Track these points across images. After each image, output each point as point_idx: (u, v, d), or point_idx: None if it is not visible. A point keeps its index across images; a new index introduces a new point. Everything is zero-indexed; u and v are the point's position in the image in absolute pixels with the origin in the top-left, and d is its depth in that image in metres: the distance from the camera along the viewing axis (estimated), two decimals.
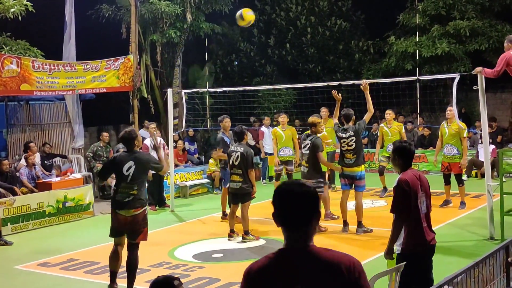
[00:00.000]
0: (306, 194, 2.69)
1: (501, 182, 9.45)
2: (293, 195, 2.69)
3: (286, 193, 2.72)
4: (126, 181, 7.21)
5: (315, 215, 2.71)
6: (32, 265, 9.02)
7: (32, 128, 15.83)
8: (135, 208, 7.24)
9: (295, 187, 2.71)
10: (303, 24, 22.85)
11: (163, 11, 18.08)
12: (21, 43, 14.14)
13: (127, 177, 7.20)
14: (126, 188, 7.21)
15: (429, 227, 5.57)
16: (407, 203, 5.39)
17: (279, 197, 2.73)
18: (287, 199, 2.70)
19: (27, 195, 12.28)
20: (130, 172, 7.19)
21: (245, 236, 9.84)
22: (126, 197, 7.20)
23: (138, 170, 7.23)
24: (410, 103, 19.60)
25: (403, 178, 5.44)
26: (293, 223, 2.69)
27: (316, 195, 2.73)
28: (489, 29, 18.58)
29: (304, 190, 2.70)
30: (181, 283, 3.99)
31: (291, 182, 2.77)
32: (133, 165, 7.21)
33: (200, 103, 19.79)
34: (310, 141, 9.99)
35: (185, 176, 15.24)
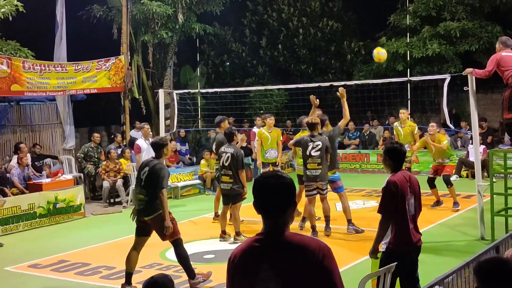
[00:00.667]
0: (282, 186, 2.86)
1: (492, 183, 9.49)
2: (270, 186, 2.86)
3: (263, 184, 2.90)
4: (141, 184, 7.50)
5: (290, 205, 2.88)
6: (23, 267, 8.97)
7: (22, 129, 15.75)
8: (149, 215, 7.43)
9: (272, 179, 2.89)
10: (295, 25, 22.88)
11: (155, 11, 18.04)
12: (12, 44, 14.08)
13: (141, 181, 7.47)
14: (140, 193, 7.50)
15: (416, 228, 5.63)
16: (394, 204, 5.44)
17: (258, 188, 2.91)
18: (265, 190, 2.88)
19: (18, 196, 12.22)
20: (143, 177, 7.45)
21: (236, 237, 9.83)
22: (140, 205, 7.48)
23: (149, 177, 7.40)
24: (401, 103, 19.64)
25: (392, 180, 5.49)
26: (270, 211, 2.87)
27: (292, 186, 2.89)
28: (479, 30, 18.66)
29: (280, 182, 2.87)
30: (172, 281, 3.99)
31: (270, 174, 2.97)
32: (147, 171, 7.43)
33: (192, 104, 19.78)
34: (321, 142, 9.67)
35: (177, 177, 15.21)
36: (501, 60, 8.85)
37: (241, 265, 2.87)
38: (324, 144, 9.66)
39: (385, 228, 5.49)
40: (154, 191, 7.36)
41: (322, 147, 9.63)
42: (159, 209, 7.40)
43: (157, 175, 7.36)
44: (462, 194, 13.19)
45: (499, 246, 5.67)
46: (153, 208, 7.40)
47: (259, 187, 2.91)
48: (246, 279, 2.83)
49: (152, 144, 7.78)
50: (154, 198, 7.37)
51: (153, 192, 7.35)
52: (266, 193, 2.87)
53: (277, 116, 18.58)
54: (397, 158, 5.66)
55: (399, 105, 19.80)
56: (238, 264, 2.88)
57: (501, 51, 9.01)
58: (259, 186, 2.91)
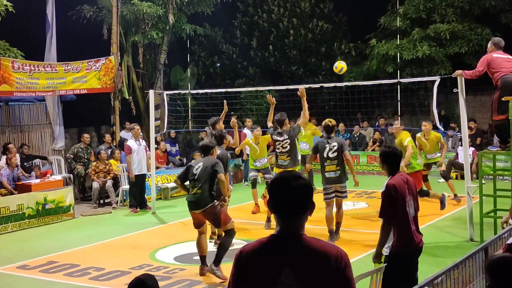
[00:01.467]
0: (301, 187, 2.78)
1: (481, 184, 9.53)
2: (289, 188, 2.78)
3: (282, 185, 2.81)
4: (194, 179, 8.00)
5: (309, 207, 2.80)
6: (11, 268, 8.92)
7: (11, 130, 15.66)
8: (200, 208, 7.94)
9: (292, 180, 2.79)
10: (285, 26, 22.90)
11: (145, 12, 18.00)
12: (1, 44, 14.01)
13: (195, 175, 7.99)
14: (193, 187, 7.99)
15: (417, 229, 5.66)
16: (395, 208, 5.44)
17: (275, 188, 2.84)
18: (283, 191, 2.79)
19: (6, 196, 12.14)
20: (197, 172, 7.99)
21: (217, 241, 9.84)
22: (192, 198, 7.97)
23: (203, 171, 7.97)
24: (391, 105, 19.71)
25: (391, 183, 5.49)
26: (288, 213, 2.79)
27: (311, 188, 2.82)
28: (469, 32, 18.75)
29: (300, 183, 2.79)
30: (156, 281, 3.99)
31: (288, 174, 2.86)
32: (201, 166, 8.02)
33: (182, 105, 19.74)
34: (336, 142, 9.68)
35: (167, 178, 15.18)
36: (492, 62, 8.88)
37: (257, 266, 2.77)
38: (339, 145, 9.68)
39: (388, 232, 5.48)
40: (206, 185, 7.88)
41: (338, 147, 9.63)
42: (210, 202, 7.90)
43: (219, 168, 8.01)
44: (451, 196, 13.23)
45: (488, 248, 5.69)
46: (204, 201, 7.87)
47: (277, 188, 2.83)
48: (263, 280, 2.74)
49: (202, 147, 8.38)
50: (206, 192, 7.86)
51: (206, 186, 7.87)
52: (285, 195, 2.79)
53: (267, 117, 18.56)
54: (392, 161, 5.67)
55: (389, 106, 19.92)
56: (253, 264, 2.79)
57: (493, 52, 9.03)
58: (278, 187, 2.83)
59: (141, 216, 13.00)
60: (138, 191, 13.48)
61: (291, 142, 10.33)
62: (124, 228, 11.70)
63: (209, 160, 8.11)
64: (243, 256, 2.83)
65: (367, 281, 5.11)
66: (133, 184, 13.32)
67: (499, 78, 8.75)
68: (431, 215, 11.32)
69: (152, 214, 13.02)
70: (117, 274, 8.26)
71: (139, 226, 11.77)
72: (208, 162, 8.04)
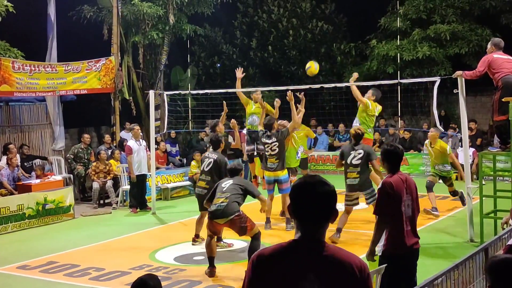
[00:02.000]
0: (328, 193, 2.72)
1: (481, 185, 9.53)
2: (316, 194, 2.70)
3: (307, 191, 2.72)
4: (222, 190, 8.03)
5: (332, 214, 2.74)
6: (11, 268, 8.92)
7: (12, 130, 15.66)
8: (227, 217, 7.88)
9: (317, 186, 2.72)
10: (285, 26, 22.90)
11: (145, 12, 18.01)
12: (1, 44, 14.01)
13: (222, 189, 8.07)
14: (219, 197, 7.96)
15: (413, 230, 5.56)
16: (390, 206, 5.41)
17: (300, 193, 2.74)
18: (308, 196, 2.71)
19: (7, 197, 12.14)
20: (226, 186, 8.09)
21: (195, 239, 9.90)
22: (218, 207, 7.88)
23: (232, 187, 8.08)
24: (391, 106, 19.71)
25: (388, 181, 5.46)
26: (311, 219, 2.71)
27: (335, 194, 2.75)
28: (469, 33, 18.75)
29: (326, 189, 2.71)
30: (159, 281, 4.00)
31: (313, 179, 2.76)
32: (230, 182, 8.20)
33: (182, 105, 19.75)
34: (362, 150, 9.61)
35: (167, 178, 15.19)
36: (493, 62, 8.88)
37: (278, 271, 2.67)
38: (365, 152, 9.59)
39: (382, 229, 5.44)
40: (233, 196, 7.92)
41: (363, 155, 9.58)
42: (236, 211, 7.87)
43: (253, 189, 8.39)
44: (452, 196, 13.23)
45: (488, 248, 5.69)
46: (230, 210, 7.83)
47: (302, 193, 2.73)
48: (284, 286, 2.65)
49: (230, 171, 8.43)
50: (233, 201, 7.89)
51: (233, 196, 7.90)
52: (310, 200, 2.69)
53: None
54: (393, 160, 5.65)
55: (389, 107, 19.92)
56: (273, 269, 2.68)
57: (493, 52, 9.03)
58: (303, 192, 2.73)
59: (141, 216, 13.00)
60: (138, 191, 13.48)
61: (279, 145, 10.46)
62: (124, 228, 11.70)
63: (239, 179, 8.24)
64: (262, 260, 2.73)
65: None
66: (133, 184, 13.33)
67: (500, 78, 8.76)
68: (430, 217, 11.31)
69: (152, 215, 13.02)
70: (117, 275, 8.26)
71: (139, 227, 11.77)
72: (238, 181, 8.18)
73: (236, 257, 9.02)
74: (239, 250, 9.41)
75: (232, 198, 7.86)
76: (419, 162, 17.29)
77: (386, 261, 5.33)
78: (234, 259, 8.94)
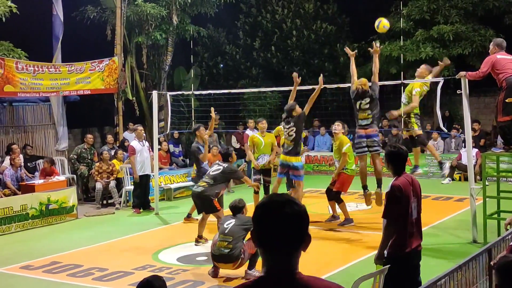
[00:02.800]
0: (297, 215, 2.30)
1: (484, 186, 9.53)
2: (284, 216, 2.28)
3: (273, 212, 2.30)
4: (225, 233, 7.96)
5: (305, 240, 2.32)
6: (15, 268, 8.94)
7: (15, 130, 15.69)
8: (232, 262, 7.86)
9: (286, 206, 2.30)
10: (289, 27, 22.89)
11: (149, 13, 18.01)
12: (5, 44, 14.03)
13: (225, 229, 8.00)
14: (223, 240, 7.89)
15: (419, 232, 5.57)
16: (399, 209, 5.40)
17: (264, 215, 2.32)
18: (276, 219, 2.28)
19: (10, 197, 12.17)
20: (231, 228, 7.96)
21: (198, 240, 9.96)
22: (222, 252, 7.84)
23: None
24: (394, 106, 19.68)
25: (396, 184, 5.43)
26: (278, 246, 2.28)
27: (307, 216, 2.34)
28: (473, 33, 18.74)
29: (295, 209, 2.30)
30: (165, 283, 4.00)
31: (280, 198, 2.34)
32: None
33: (186, 106, 19.75)
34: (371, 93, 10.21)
35: (170, 178, 15.20)
36: (496, 63, 8.87)
37: None
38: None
39: (390, 233, 5.42)
40: (237, 243, 7.86)
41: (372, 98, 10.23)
42: (239, 257, 7.82)
43: None
44: (455, 197, 13.23)
45: (491, 249, 5.68)
46: (234, 257, 7.81)
47: (267, 215, 2.31)
48: None
49: (232, 208, 8.28)
50: (237, 249, 7.84)
51: (237, 244, 7.84)
52: (277, 223, 2.27)
53: (271, 119, 18.57)
54: (398, 161, 5.63)
55: (392, 108, 19.89)
56: None
57: (496, 53, 9.02)
58: (267, 214, 2.31)
59: (144, 216, 13.01)
60: (141, 191, 13.49)
61: (296, 130, 10.52)
62: (127, 228, 11.71)
63: (241, 219, 8.09)
64: None
65: (369, 282, 5.11)
66: (136, 185, 13.34)
67: (504, 79, 8.75)
68: (434, 217, 11.30)
69: (155, 215, 13.03)
70: (120, 275, 8.27)
71: (142, 227, 11.78)
72: (240, 221, 8.04)
73: None
74: None
75: (234, 242, 7.77)
76: (423, 163, 17.26)
77: (392, 262, 5.33)
78: None
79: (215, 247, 7.88)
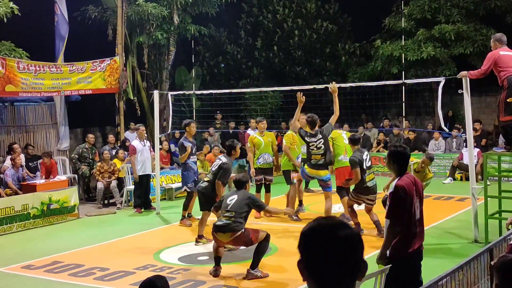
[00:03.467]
0: (352, 240, 2.05)
1: (486, 186, 9.51)
2: (336, 240, 2.02)
3: (324, 237, 2.04)
4: (227, 208, 7.94)
5: (361, 268, 2.06)
6: (16, 268, 8.94)
7: (16, 130, 15.69)
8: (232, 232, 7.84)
9: (338, 230, 2.04)
10: (290, 26, 22.90)
11: (150, 13, 18.03)
12: (6, 44, 14.04)
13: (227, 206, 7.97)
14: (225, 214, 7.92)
15: (422, 232, 5.58)
16: (403, 209, 5.40)
17: (314, 242, 2.04)
18: (327, 245, 2.02)
19: (11, 196, 12.17)
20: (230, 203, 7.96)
21: (198, 240, 9.95)
22: (223, 223, 7.87)
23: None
24: (395, 106, 19.70)
25: (400, 184, 5.42)
26: (333, 277, 2.02)
27: (362, 240, 2.08)
28: (474, 33, 18.73)
29: (348, 233, 2.04)
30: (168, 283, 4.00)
31: (328, 222, 2.09)
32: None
33: (187, 105, 19.76)
34: (366, 151, 10.15)
35: (171, 178, 15.19)
36: (499, 60, 8.72)
37: None
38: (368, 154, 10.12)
39: (394, 233, 5.40)
40: (239, 216, 7.87)
41: (369, 156, 10.11)
42: (240, 230, 7.82)
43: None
44: (456, 197, 13.22)
45: (492, 249, 5.67)
46: (233, 228, 7.82)
47: (319, 241, 2.03)
48: None
49: (235, 182, 8.31)
50: (237, 221, 7.85)
51: (238, 217, 7.86)
52: (332, 251, 2.00)
53: (272, 118, 18.60)
54: (401, 161, 5.62)
55: (393, 107, 19.92)
56: None
57: (498, 49, 8.89)
58: (319, 240, 2.03)
59: (146, 216, 13.01)
60: (142, 191, 13.49)
61: (324, 142, 10.46)
62: (128, 228, 11.71)
63: (243, 194, 8.11)
64: None
65: (371, 282, 5.11)
66: (137, 184, 13.34)
67: (505, 78, 8.66)
68: (436, 216, 11.30)
69: (157, 215, 13.03)
70: (122, 275, 8.27)
71: (143, 227, 11.78)
72: (242, 196, 8.07)
73: (241, 257, 9.01)
74: (244, 250, 9.40)
75: (237, 216, 7.84)
76: None
77: (395, 263, 5.32)
78: (238, 259, 8.92)
79: (218, 219, 8.02)
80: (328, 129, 10.52)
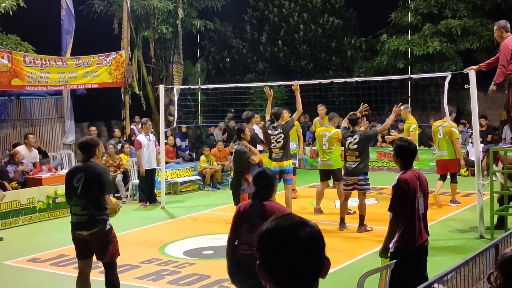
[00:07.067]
0: (313, 238, 1.96)
1: (491, 181, 9.49)
2: (295, 242, 1.93)
3: (283, 239, 1.93)
4: (77, 193, 6.59)
5: (324, 265, 1.98)
6: (22, 261, 8.98)
7: (22, 124, 15.74)
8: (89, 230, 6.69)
9: (298, 229, 1.94)
10: (296, 21, 22.83)
11: (155, 6, 18.02)
12: (12, 38, 14.07)
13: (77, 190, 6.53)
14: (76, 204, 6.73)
15: (425, 227, 5.57)
16: (405, 203, 5.40)
17: (272, 245, 1.95)
18: (286, 247, 1.92)
19: (17, 190, 12.21)
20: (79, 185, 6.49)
21: None
22: (79, 218, 6.73)
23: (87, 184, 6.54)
24: (401, 101, 19.61)
25: (403, 177, 5.43)
26: (294, 279, 1.94)
27: (322, 237, 1.99)
28: (481, 28, 18.65)
29: (309, 232, 1.95)
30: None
31: (287, 222, 1.98)
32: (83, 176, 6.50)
33: (192, 100, 19.77)
34: (358, 136, 9.96)
35: (176, 172, 15.22)
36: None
37: None
38: (362, 138, 9.94)
39: (396, 226, 5.43)
40: (96, 200, 6.58)
41: (359, 140, 9.90)
42: (100, 224, 6.69)
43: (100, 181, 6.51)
44: (462, 192, 13.20)
45: (498, 245, 5.67)
46: (94, 222, 6.72)
47: (277, 244, 1.93)
48: None
49: (81, 145, 6.88)
50: (96, 210, 6.65)
51: (95, 201, 6.59)
52: (291, 253, 1.91)
53: None
54: (406, 156, 5.62)
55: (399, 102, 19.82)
56: None
57: (508, 37, 8.71)
58: (277, 242, 1.93)
59: (151, 210, 13.03)
60: (147, 185, 13.51)
61: (284, 136, 10.59)
62: (133, 222, 11.73)
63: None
64: None
65: (376, 277, 5.11)
66: (142, 178, 13.36)
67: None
68: (441, 212, 11.28)
69: (162, 209, 13.05)
70: (127, 268, 8.29)
71: (148, 221, 11.80)
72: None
73: None
74: None
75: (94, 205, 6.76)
76: (429, 157, 17.21)
77: (398, 257, 5.32)
78: None
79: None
80: (290, 125, 10.75)
